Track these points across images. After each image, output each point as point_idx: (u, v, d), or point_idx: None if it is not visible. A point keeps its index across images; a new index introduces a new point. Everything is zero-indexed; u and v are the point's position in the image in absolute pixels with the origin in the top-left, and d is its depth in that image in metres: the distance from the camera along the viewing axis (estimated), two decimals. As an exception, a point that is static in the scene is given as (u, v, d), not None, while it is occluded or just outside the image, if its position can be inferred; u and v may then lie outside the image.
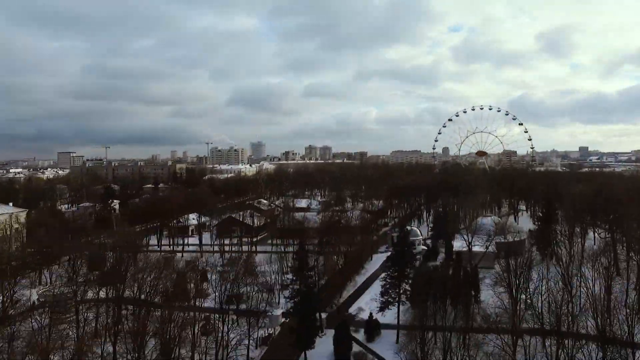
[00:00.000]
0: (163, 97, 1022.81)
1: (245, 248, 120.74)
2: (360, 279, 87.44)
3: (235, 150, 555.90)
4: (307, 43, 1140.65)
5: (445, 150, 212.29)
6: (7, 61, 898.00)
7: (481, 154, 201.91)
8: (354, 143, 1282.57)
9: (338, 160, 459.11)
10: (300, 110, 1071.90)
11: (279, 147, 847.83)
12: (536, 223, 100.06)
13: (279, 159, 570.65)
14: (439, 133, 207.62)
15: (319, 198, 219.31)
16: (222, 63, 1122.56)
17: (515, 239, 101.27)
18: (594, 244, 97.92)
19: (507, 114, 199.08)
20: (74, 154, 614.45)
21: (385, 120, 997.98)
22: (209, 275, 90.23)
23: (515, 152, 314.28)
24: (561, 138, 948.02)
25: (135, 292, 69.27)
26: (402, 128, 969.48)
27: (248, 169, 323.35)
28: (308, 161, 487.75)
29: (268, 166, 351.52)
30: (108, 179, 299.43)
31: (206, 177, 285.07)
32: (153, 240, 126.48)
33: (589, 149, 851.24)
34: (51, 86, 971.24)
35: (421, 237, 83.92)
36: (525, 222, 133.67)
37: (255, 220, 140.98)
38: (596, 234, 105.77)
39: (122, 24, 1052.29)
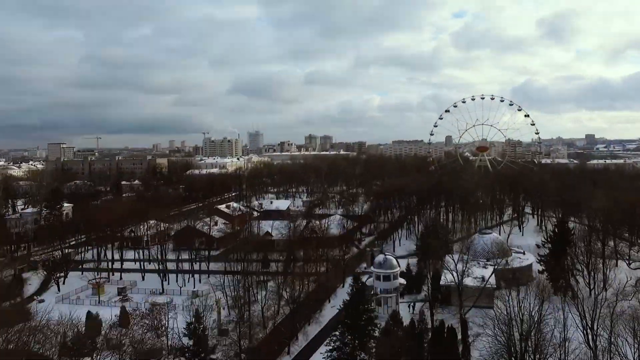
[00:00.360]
0: (164, 86, 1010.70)
1: (197, 266, 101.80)
2: (315, 327, 67.58)
3: (228, 140, 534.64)
4: (304, 31, 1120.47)
5: (449, 138, 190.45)
6: (5, 53, 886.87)
7: (482, 149, 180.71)
8: (358, 130, 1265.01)
9: (333, 152, 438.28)
10: (301, 99, 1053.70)
11: (281, 136, 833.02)
12: (545, 244, 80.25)
13: (274, 150, 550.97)
14: (435, 126, 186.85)
15: (304, 197, 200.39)
16: (221, 52, 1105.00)
17: (521, 263, 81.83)
18: (617, 265, 78.37)
19: (511, 104, 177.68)
20: (65, 145, 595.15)
21: (389, 108, 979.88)
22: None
23: (521, 142, 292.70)
24: (566, 125, 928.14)
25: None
26: (405, 115, 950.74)
27: (235, 163, 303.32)
28: (304, 152, 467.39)
29: (257, 159, 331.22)
30: (84, 174, 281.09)
31: (188, 172, 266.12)
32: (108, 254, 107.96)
33: (595, 136, 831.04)
34: (51, 77, 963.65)
35: (399, 268, 64.89)
36: (531, 235, 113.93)
37: (219, 229, 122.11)
38: (620, 252, 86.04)
39: (115, 14, 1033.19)
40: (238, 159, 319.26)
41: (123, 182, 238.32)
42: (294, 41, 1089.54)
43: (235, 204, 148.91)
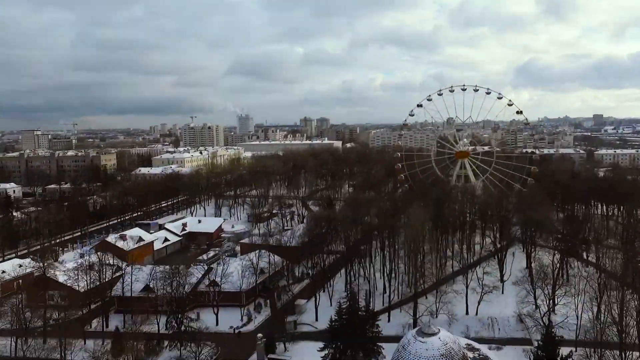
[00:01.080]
0: (163, 68, 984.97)
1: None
2: None
3: (209, 127, 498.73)
4: (298, 11, 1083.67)
5: (450, 120, 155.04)
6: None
7: (461, 155, 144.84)
8: (360, 110, 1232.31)
9: (317, 142, 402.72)
10: (301, 78, 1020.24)
11: (283, 117, 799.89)
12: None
13: (258, 137, 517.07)
14: (405, 123, 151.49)
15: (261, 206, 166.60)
16: (216, 33, 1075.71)
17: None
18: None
19: (500, 97, 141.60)
20: (39, 132, 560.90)
21: (392, 87, 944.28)
22: None
23: (528, 122, 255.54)
24: (572, 104, 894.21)
25: None
26: (408, 95, 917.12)
27: (196, 158, 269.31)
28: (285, 141, 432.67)
29: (223, 152, 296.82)
30: (20, 173, 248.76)
31: (135, 172, 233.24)
32: None
33: (604, 116, 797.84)
34: (48, 60, 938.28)
35: None
36: (514, 294, 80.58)
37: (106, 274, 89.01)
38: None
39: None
40: (201, 152, 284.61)
41: (52, 186, 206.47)
42: (288, 21, 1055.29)
43: (141, 230, 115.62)
